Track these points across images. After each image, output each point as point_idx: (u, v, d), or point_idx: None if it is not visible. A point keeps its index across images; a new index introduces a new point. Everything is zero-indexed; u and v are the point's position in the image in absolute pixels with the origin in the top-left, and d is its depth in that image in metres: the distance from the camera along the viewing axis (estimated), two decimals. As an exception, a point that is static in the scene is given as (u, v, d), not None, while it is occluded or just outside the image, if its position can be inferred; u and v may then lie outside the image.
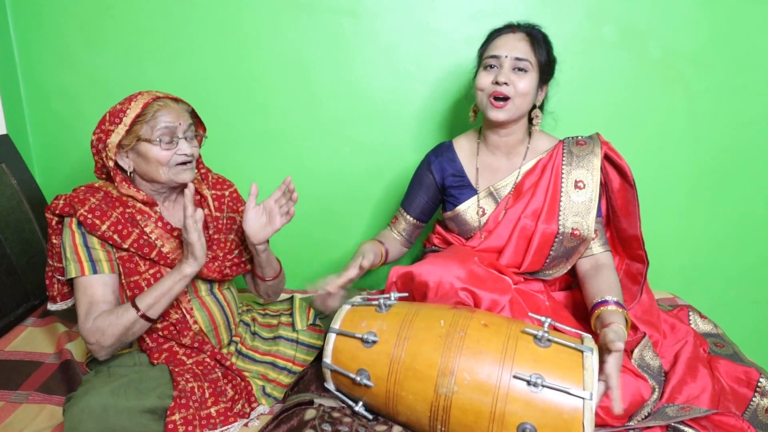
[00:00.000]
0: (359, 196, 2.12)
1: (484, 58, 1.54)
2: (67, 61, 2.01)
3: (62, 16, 1.97)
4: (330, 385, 1.28)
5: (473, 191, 1.62)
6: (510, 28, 1.54)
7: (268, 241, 1.50)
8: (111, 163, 1.35)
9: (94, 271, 1.35)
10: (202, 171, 1.56)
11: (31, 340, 1.64)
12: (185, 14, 1.95)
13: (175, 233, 1.44)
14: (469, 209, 1.61)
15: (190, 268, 1.33)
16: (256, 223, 1.44)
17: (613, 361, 1.18)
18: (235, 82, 2.01)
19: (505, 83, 1.47)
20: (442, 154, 1.67)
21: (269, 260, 1.55)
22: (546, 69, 1.53)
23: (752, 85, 1.95)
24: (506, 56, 1.48)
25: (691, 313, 1.72)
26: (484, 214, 1.60)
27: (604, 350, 1.21)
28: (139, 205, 1.41)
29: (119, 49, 1.99)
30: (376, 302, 1.30)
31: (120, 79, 2.01)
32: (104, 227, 1.34)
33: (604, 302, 1.38)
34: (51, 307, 1.49)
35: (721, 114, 1.98)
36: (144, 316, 1.31)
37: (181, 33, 1.97)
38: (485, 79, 1.51)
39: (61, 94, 2.05)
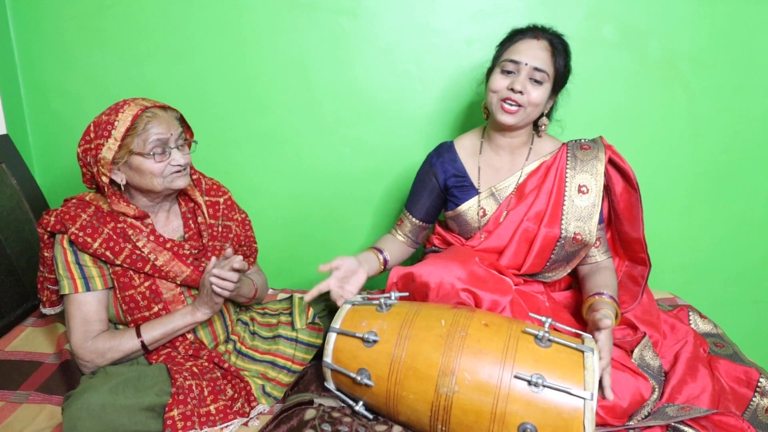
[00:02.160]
0: (359, 197, 2.12)
1: (502, 60, 1.50)
2: (67, 61, 2.01)
3: (62, 16, 1.96)
4: (330, 385, 1.28)
5: (475, 191, 1.62)
6: (534, 33, 1.50)
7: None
8: (105, 179, 1.33)
9: (87, 289, 1.35)
10: (194, 177, 1.54)
11: (31, 340, 1.64)
12: (185, 14, 1.95)
13: (168, 245, 1.42)
14: (470, 209, 1.61)
15: (204, 316, 1.40)
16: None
17: (603, 337, 1.28)
18: (235, 83, 2.01)
19: (520, 92, 1.45)
20: (443, 154, 1.66)
21: (238, 293, 1.51)
22: (560, 80, 1.51)
23: (752, 85, 1.95)
24: (526, 64, 1.45)
25: (691, 313, 1.72)
26: (484, 214, 1.60)
27: (593, 332, 1.29)
28: (130, 219, 1.39)
29: (119, 49, 1.99)
30: (376, 302, 1.30)
31: (120, 79, 2.01)
32: (96, 245, 1.33)
33: (599, 294, 1.43)
34: (42, 310, 1.51)
35: (721, 114, 1.98)
36: (144, 346, 1.36)
37: (181, 33, 1.97)
38: (500, 83, 1.49)
39: (61, 94, 2.05)
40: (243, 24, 1.95)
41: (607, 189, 1.59)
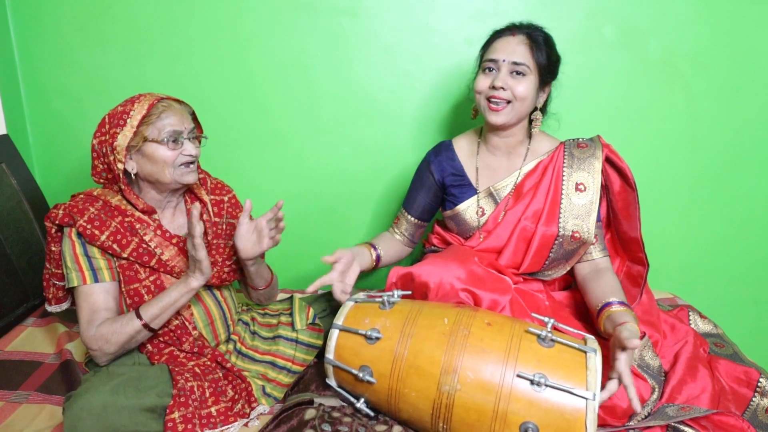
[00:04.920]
0: (359, 196, 2.12)
1: (483, 61, 1.54)
2: (67, 61, 2.01)
3: (62, 16, 1.96)
4: (332, 381, 1.28)
5: (473, 191, 1.62)
6: (510, 30, 1.52)
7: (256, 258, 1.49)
8: (121, 166, 1.34)
9: (96, 280, 1.35)
10: (200, 176, 1.55)
11: (31, 340, 1.64)
12: (185, 14, 1.95)
13: (174, 240, 1.43)
14: (468, 209, 1.62)
15: (196, 281, 1.35)
16: (246, 240, 1.43)
17: (625, 358, 1.18)
18: (235, 82, 2.01)
19: (502, 88, 1.46)
20: (441, 153, 1.67)
21: (259, 272, 1.55)
22: (547, 71, 1.52)
23: (752, 85, 1.95)
24: (504, 60, 1.47)
25: (691, 313, 1.72)
26: (483, 214, 1.60)
27: (617, 348, 1.21)
28: (137, 213, 1.40)
29: (119, 49, 1.99)
30: (379, 299, 1.30)
31: (120, 79, 2.01)
32: (103, 237, 1.34)
33: (609, 304, 1.38)
34: (48, 308, 1.50)
35: (721, 114, 1.98)
36: (147, 326, 1.33)
37: (181, 33, 1.97)
38: (483, 83, 1.51)
39: (61, 94, 2.05)
40: (243, 24, 1.95)
41: (605, 188, 1.59)
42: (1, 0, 1.95)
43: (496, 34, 1.55)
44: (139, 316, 1.32)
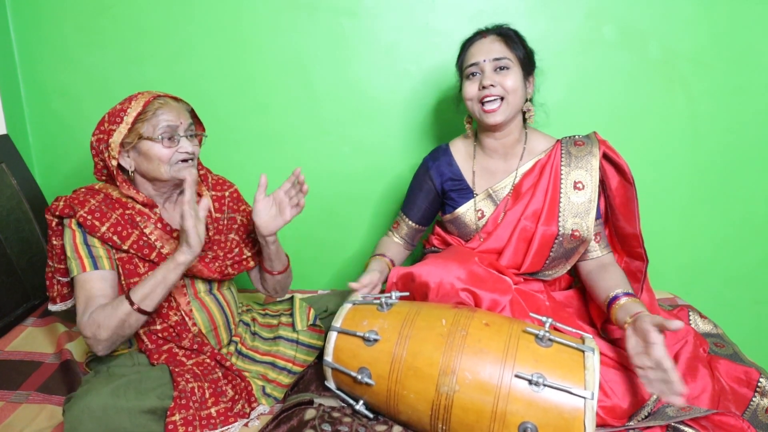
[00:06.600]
0: (359, 196, 2.12)
1: (464, 69, 1.55)
2: (67, 61, 2.01)
3: (62, 16, 1.97)
4: (331, 384, 1.28)
5: (471, 194, 1.62)
6: (480, 34, 1.56)
7: (276, 234, 1.49)
8: (114, 163, 1.35)
9: (95, 267, 1.34)
10: (201, 172, 1.56)
11: (31, 340, 1.64)
12: (185, 14, 1.95)
13: (175, 234, 1.43)
14: (467, 212, 1.62)
15: (183, 255, 1.29)
16: (266, 215, 1.44)
17: (661, 343, 1.19)
18: (235, 82, 2.01)
19: (491, 85, 1.48)
20: (439, 158, 1.67)
21: (278, 253, 1.55)
22: (526, 62, 1.54)
23: (752, 85, 1.95)
24: (485, 60, 1.50)
25: (691, 313, 1.72)
26: (482, 216, 1.60)
27: (650, 333, 1.21)
28: (138, 206, 1.41)
29: (119, 49, 1.99)
30: (377, 301, 1.30)
31: (120, 79, 2.01)
32: (104, 229, 1.34)
33: (617, 297, 1.39)
34: (51, 307, 1.50)
35: (721, 114, 1.98)
36: (139, 309, 1.28)
37: (181, 33, 1.97)
38: (471, 88, 1.52)
39: (61, 94, 2.05)
40: (243, 24, 1.95)
41: (603, 185, 1.59)
42: (2, 0, 1.95)
43: (468, 42, 1.58)
44: (129, 298, 1.28)
